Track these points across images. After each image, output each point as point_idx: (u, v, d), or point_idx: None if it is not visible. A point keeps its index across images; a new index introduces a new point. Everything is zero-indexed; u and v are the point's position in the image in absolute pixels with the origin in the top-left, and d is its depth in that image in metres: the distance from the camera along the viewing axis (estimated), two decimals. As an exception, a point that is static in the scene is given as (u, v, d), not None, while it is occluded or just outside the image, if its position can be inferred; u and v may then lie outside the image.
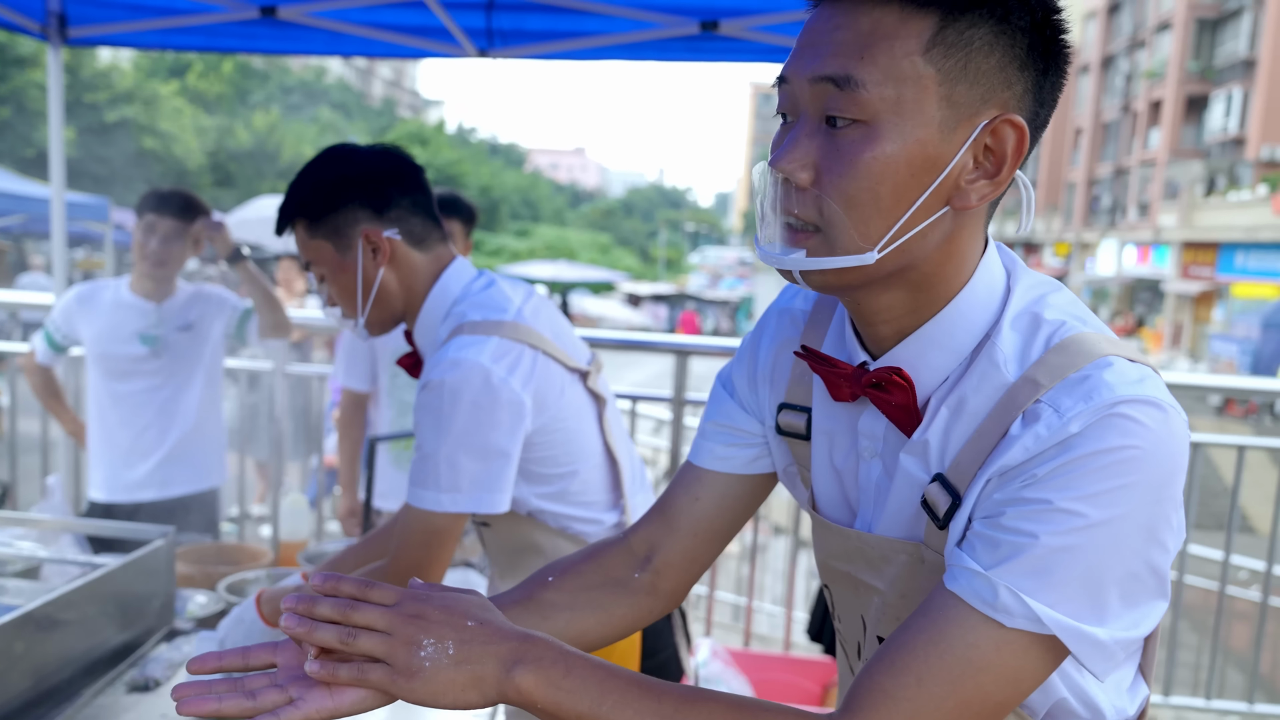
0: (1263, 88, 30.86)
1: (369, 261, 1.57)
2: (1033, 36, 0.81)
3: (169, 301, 2.89)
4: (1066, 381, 0.80)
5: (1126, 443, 0.76)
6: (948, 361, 0.87)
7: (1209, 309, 30.33)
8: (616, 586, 1.07)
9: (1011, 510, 0.79)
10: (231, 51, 3.58)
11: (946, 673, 0.78)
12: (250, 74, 34.11)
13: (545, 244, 43.06)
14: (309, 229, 1.58)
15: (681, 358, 3.46)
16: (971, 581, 0.79)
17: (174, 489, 2.90)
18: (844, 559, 0.98)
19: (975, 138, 0.80)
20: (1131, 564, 0.78)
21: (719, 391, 1.10)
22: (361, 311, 1.59)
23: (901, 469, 0.89)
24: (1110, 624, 0.78)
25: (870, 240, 0.81)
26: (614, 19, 3.00)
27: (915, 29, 0.78)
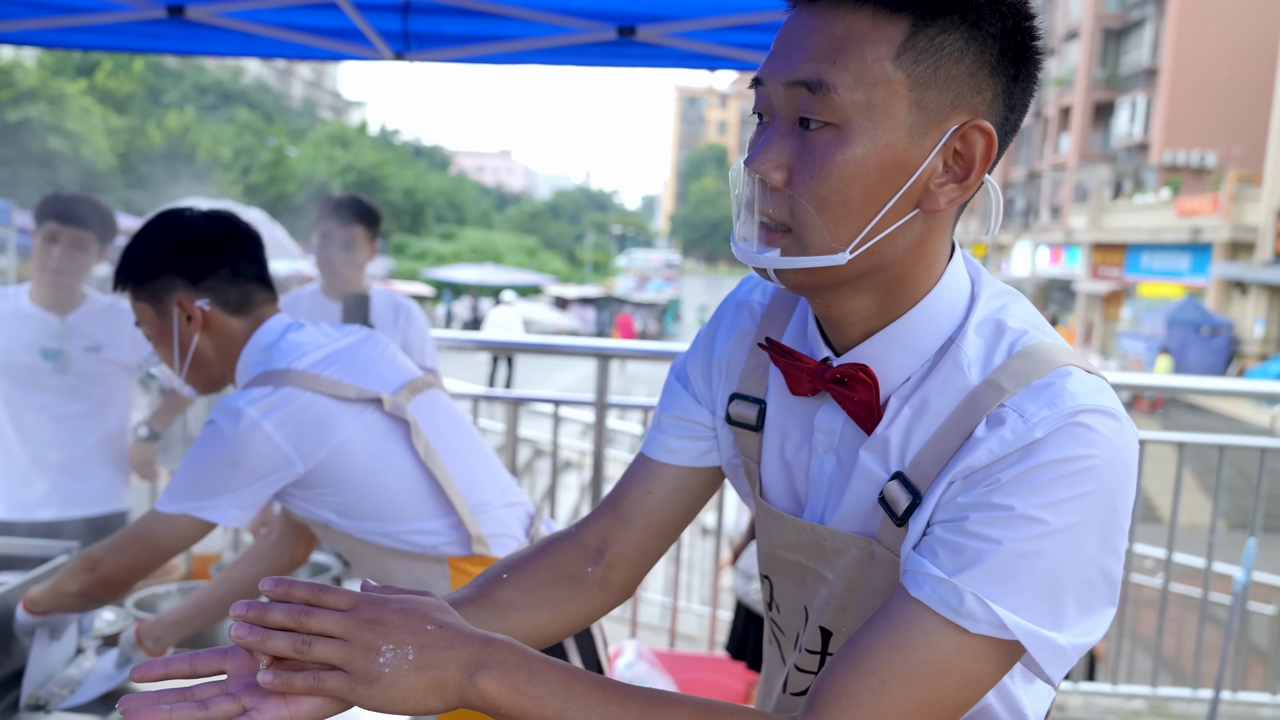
0: (1164, 95, 32.17)
1: (184, 327, 1.66)
2: (1004, 42, 0.82)
3: (75, 314, 2.73)
4: (1030, 388, 0.82)
5: (1086, 452, 0.79)
6: (911, 362, 0.88)
7: (1118, 308, 31.49)
8: (570, 582, 1.06)
9: (975, 516, 0.80)
10: (138, 51, 3.49)
11: (909, 676, 0.79)
12: (163, 73, 33.17)
13: (471, 247, 42.67)
14: (133, 292, 1.67)
15: (603, 361, 3.48)
16: (936, 588, 0.80)
17: (76, 509, 2.77)
18: (794, 549, 0.99)
19: (945, 143, 0.82)
20: (1087, 571, 0.80)
21: (673, 384, 1.10)
22: (179, 372, 1.68)
23: (860, 465, 0.90)
24: (1068, 630, 0.80)
25: (842, 241, 0.82)
26: (531, 24, 3.00)
27: (887, 34, 0.80)
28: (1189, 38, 31.23)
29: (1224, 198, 25.11)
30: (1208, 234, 25.61)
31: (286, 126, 38.55)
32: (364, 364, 1.69)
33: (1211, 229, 25.44)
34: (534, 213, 73.24)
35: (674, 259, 63.64)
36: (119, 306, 2.85)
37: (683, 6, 2.86)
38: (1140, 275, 29.78)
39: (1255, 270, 23.56)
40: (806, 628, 1.00)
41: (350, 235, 3.10)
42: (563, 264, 54.35)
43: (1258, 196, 24.21)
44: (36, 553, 1.90)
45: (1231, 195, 24.93)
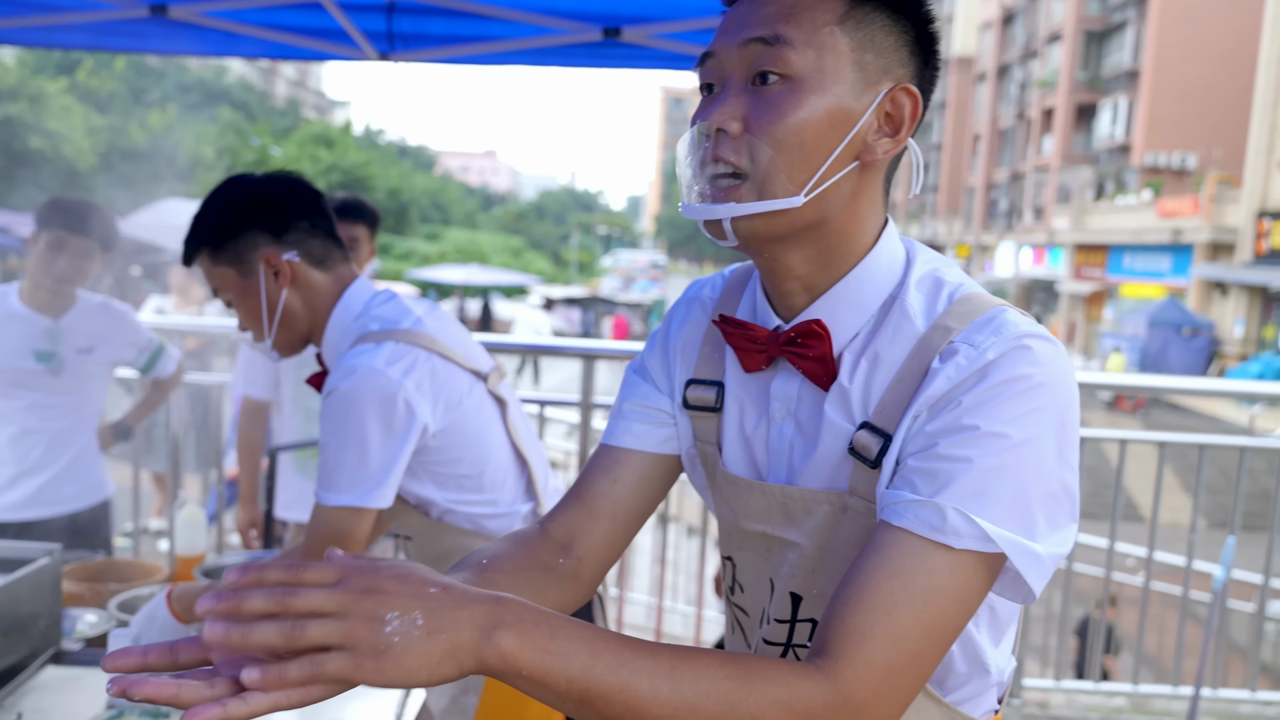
0: (1146, 97, 32.41)
1: (271, 285, 1.62)
2: (916, 31, 0.94)
3: (67, 316, 2.74)
4: (975, 323, 0.89)
5: (1034, 370, 0.85)
6: (858, 318, 0.95)
7: (1100, 308, 31.69)
8: (546, 570, 1.06)
9: (944, 440, 0.85)
10: (121, 51, 3.46)
11: (910, 602, 0.81)
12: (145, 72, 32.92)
13: (456, 247, 42.52)
14: (212, 257, 1.63)
15: (589, 362, 3.48)
16: (918, 511, 0.84)
17: (61, 507, 2.77)
18: (760, 517, 1.01)
19: (879, 101, 0.91)
20: (1050, 484, 0.85)
21: (631, 377, 1.13)
22: (268, 333, 1.64)
23: (826, 421, 0.95)
24: (1041, 541, 0.84)
25: (797, 184, 0.89)
26: (516, 24, 3.00)
27: (831, 5, 0.91)
28: (1170, 41, 31.47)
29: (1204, 199, 25.32)
30: (1188, 235, 25.81)
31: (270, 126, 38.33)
32: (461, 338, 1.71)
33: (1192, 230, 25.64)
34: (519, 213, 73.11)
35: (659, 259, 63.69)
36: (111, 306, 2.85)
37: (668, 7, 2.86)
38: (1122, 276, 29.99)
39: (1235, 271, 23.76)
40: (773, 599, 1.02)
41: (352, 235, 3.08)
42: (548, 264, 54.26)
43: (1237, 198, 24.42)
44: (17, 555, 1.89)
45: (1212, 197, 25.14)
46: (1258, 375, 20.00)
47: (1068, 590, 3.64)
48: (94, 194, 23.69)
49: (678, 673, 0.76)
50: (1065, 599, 3.65)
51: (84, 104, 26.46)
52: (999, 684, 1.03)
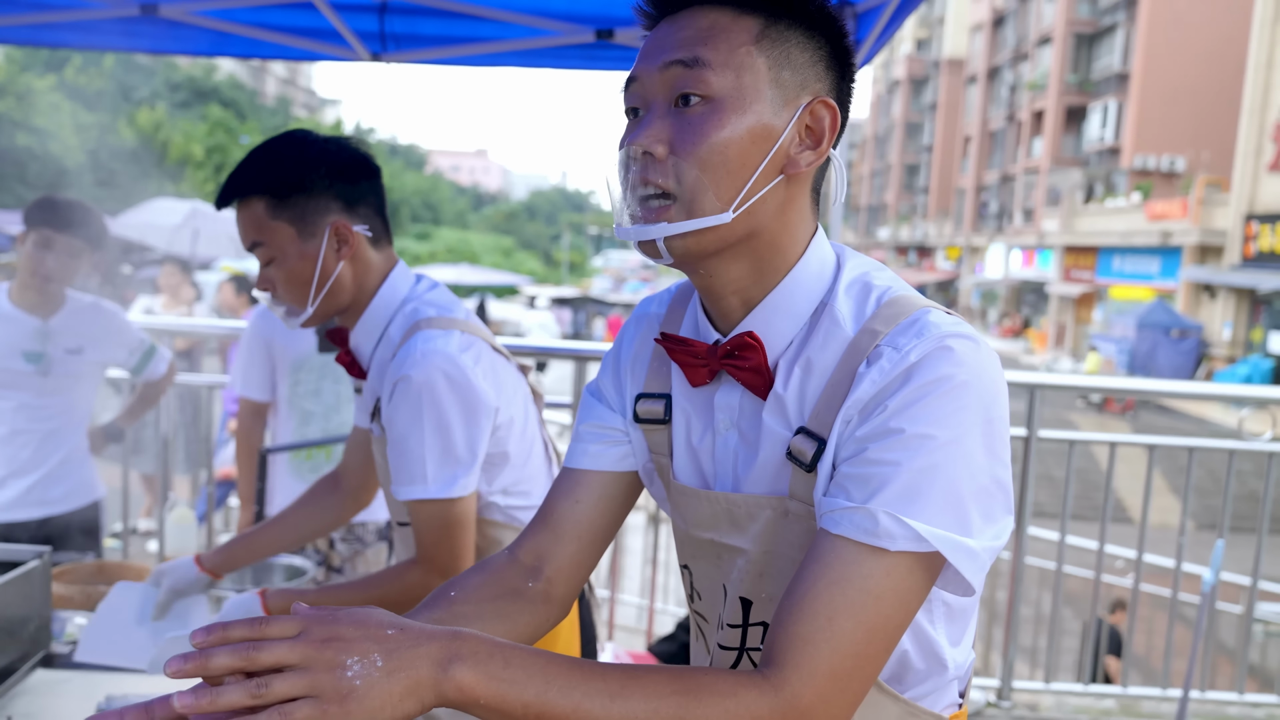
0: (1135, 100, 32.55)
1: (331, 254, 1.55)
2: (831, 45, 0.97)
3: (56, 316, 2.72)
4: (899, 326, 0.92)
5: (956, 370, 0.87)
6: (790, 326, 0.98)
7: (1089, 310, 31.82)
8: (515, 596, 1.08)
9: (873, 445, 0.88)
10: (111, 49, 3.45)
11: (850, 607, 0.84)
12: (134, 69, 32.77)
13: (447, 247, 42.45)
14: (272, 209, 1.52)
15: (580, 363, 3.48)
16: (851, 518, 0.86)
17: (51, 508, 2.76)
18: (708, 524, 1.04)
19: (799, 115, 0.94)
20: (980, 479, 0.87)
21: (588, 399, 1.17)
22: (312, 302, 1.56)
23: (765, 429, 0.98)
24: (976, 536, 0.87)
25: (725, 201, 0.92)
26: (509, 25, 3.00)
27: (746, 25, 0.93)
28: (1159, 44, 31.63)
29: (1193, 202, 25.45)
30: (1177, 238, 25.94)
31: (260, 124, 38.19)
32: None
33: (1181, 233, 25.77)
34: (510, 213, 73.03)
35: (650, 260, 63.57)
36: (101, 306, 2.84)
37: (661, 10, 2.86)
38: (1111, 278, 30.12)
39: (1223, 274, 23.89)
40: (726, 604, 1.05)
41: None
42: (539, 264, 54.24)
43: (1226, 201, 24.54)
44: (7, 557, 1.88)
45: (1200, 200, 25.26)
46: (1245, 378, 20.12)
47: (1057, 592, 3.65)
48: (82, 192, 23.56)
49: (627, 691, 0.79)
50: (1055, 601, 3.67)
51: (72, 101, 26.32)
52: (959, 678, 1.04)
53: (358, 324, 1.63)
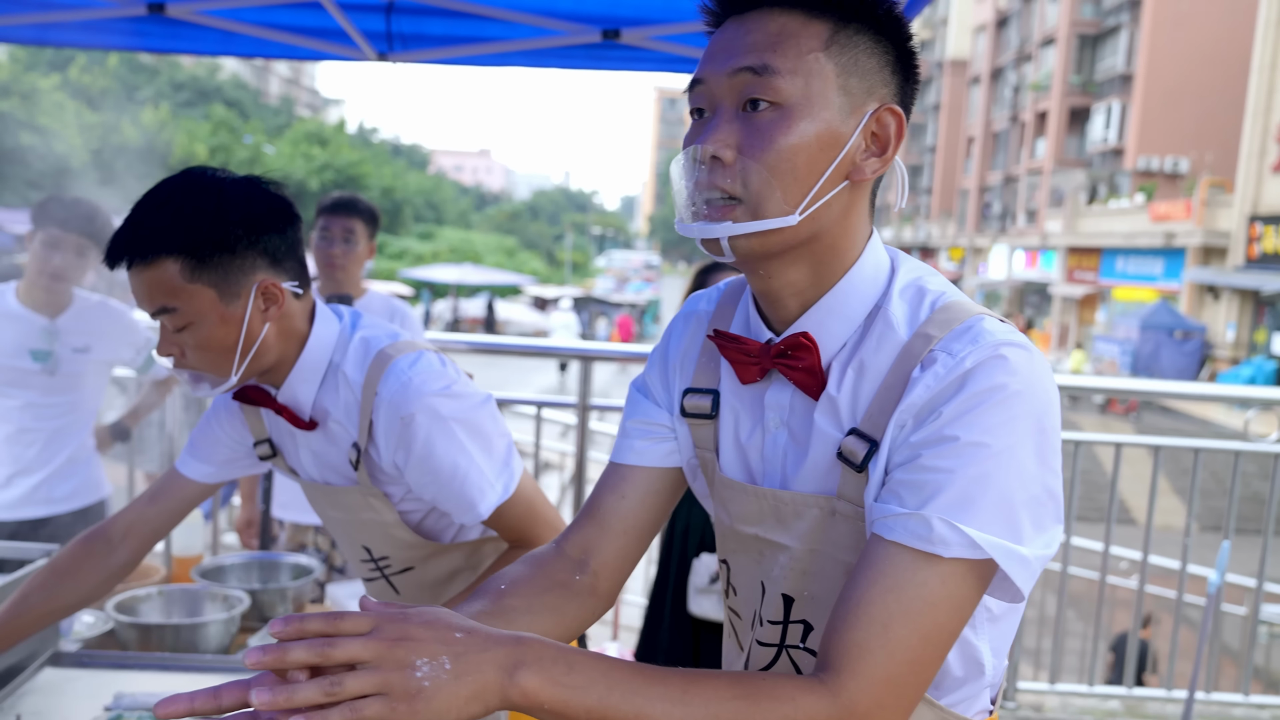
0: (1139, 101, 32.51)
1: (257, 314, 1.39)
2: (897, 50, 0.97)
3: (64, 315, 2.73)
4: (954, 331, 0.92)
5: (1010, 380, 0.88)
6: (844, 329, 0.98)
7: (1093, 311, 31.78)
8: (563, 590, 1.10)
9: (927, 452, 0.88)
10: (117, 49, 3.46)
11: (905, 614, 0.85)
12: (138, 69, 32.83)
13: (450, 247, 42.45)
14: (189, 270, 1.33)
15: (585, 363, 3.48)
16: (905, 524, 0.87)
17: (58, 507, 2.77)
18: (754, 520, 1.04)
19: (865, 122, 0.95)
20: (1032, 488, 0.88)
21: (634, 395, 1.17)
22: (237, 370, 1.40)
23: (816, 429, 0.98)
24: (1027, 544, 0.87)
25: (791, 204, 0.92)
26: (516, 25, 3.00)
27: (815, 31, 0.93)
28: (1163, 45, 31.58)
29: (1197, 203, 25.41)
30: (1181, 239, 25.90)
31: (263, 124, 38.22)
32: None
33: (1184, 234, 25.73)
34: (513, 213, 73.03)
35: (653, 260, 63.72)
36: (108, 305, 2.84)
37: (667, 10, 2.87)
38: (1115, 279, 30.08)
39: (1227, 275, 23.85)
40: (764, 601, 1.06)
41: (348, 228, 3.04)
42: (542, 264, 54.21)
43: (1229, 202, 24.51)
44: (14, 555, 1.88)
45: (1204, 201, 25.23)
46: (1249, 379, 20.09)
47: (1062, 593, 3.65)
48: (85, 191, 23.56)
49: (688, 696, 0.80)
50: (1060, 602, 3.66)
51: (76, 101, 26.38)
52: (992, 685, 1.05)
53: (290, 375, 1.49)
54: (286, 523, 3.05)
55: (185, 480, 1.64)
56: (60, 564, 1.56)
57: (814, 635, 1.02)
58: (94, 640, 1.87)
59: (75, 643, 1.84)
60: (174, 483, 1.64)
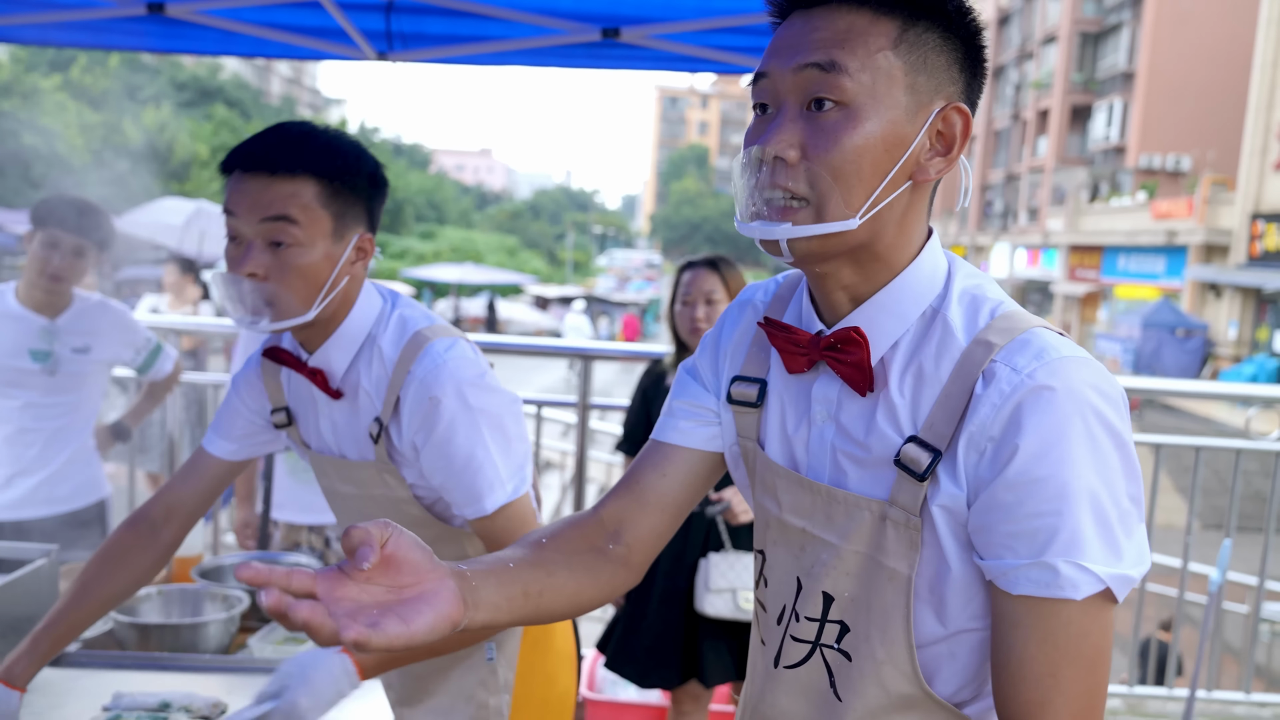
0: (1140, 99, 32.46)
1: (348, 264, 1.46)
2: (966, 46, 0.96)
3: (64, 316, 2.74)
4: (1015, 342, 0.91)
5: (1081, 402, 0.87)
6: (896, 326, 0.97)
7: (1094, 309, 31.75)
8: (598, 554, 1.12)
9: (1026, 499, 0.87)
10: (118, 49, 3.46)
11: (1066, 658, 0.87)
12: (139, 69, 32.82)
13: (451, 246, 42.43)
14: (322, 195, 1.40)
15: (586, 362, 3.48)
16: (1029, 575, 0.88)
17: (58, 507, 2.77)
18: (805, 513, 1.03)
19: (931, 122, 0.94)
20: (1122, 502, 0.88)
21: (683, 377, 1.19)
22: (319, 304, 1.43)
23: (876, 430, 0.97)
24: (1126, 559, 0.88)
25: (853, 207, 0.91)
26: (516, 24, 3.00)
27: (884, 29, 0.92)
28: (1165, 43, 31.53)
29: (1198, 201, 25.37)
30: (1183, 237, 25.87)
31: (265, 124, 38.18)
32: None
33: (1186, 232, 25.70)
34: (514, 212, 73.01)
35: (655, 259, 63.68)
36: (108, 305, 2.85)
37: (667, 8, 2.86)
38: (1117, 277, 30.04)
39: (1229, 273, 23.82)
40: (800, 596, 1.04)
41: None
42: (543, 264, 54.20)
43: (1231, 200, 24.47)
44: (15, 555, 1.88)
45: (1206, 199, 25.19)
46: (1251, 377, 20.04)
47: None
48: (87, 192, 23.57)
49: None
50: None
51: (77, 101, 26.40)
52: None
53: (329, 340, 1.51)
54: (281, 522, 3.05)
55: (210, 458, 1.66)
56: (110, 551, 1.60)
57: (849, 638, 1.00)
58: (93, 640, 1.87)
59: (74, 642, 1.84)
60: (201, 461, 1.67)
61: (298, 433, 1.64)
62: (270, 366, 1.63)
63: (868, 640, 0.98)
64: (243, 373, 1.67)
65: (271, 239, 1.39)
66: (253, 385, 1.65)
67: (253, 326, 1.42)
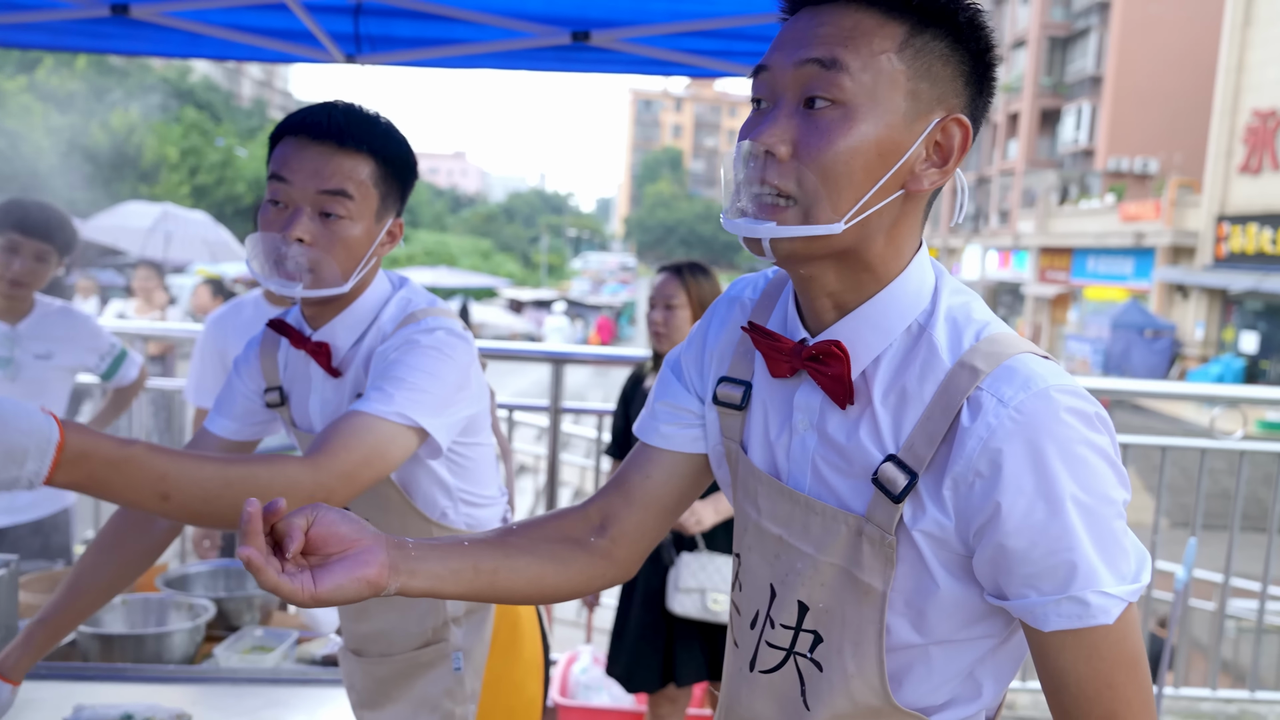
0: (1108, 103, 32.87)
1: (380, 245, 1.52)
2: (975, 60, 0.94)
3: (26, 321, 2.69)
4: (1001, 369, 0.89)
5: (1072, 432, 0.87)
6: (879, 340, 0.95)
7: (1065, 311, 32.08)
8: (574, 544, 1.13)
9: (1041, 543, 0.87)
10: (82, 51, 3.41)
11: (1114, 666, 0.89)
12: (107, 71, 32.43)
13: (425, 250, 42.26)
14: (377, 174, 1.47)
15: (557, 366, 3.47)
16: (1059, 609, 0.88)
17: (18, 516, 2.71)
18: (783, 520, 1.02)
19: (930, 131, 0.92)
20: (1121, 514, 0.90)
21: (666, 374, 1.17)
22: (355, 275, 1.48)
23: (857, 445, 0.96)
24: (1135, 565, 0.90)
25: (839, 212, 0.90)
26: (485, 27, 2.98)
27: (891, 31, 0.90)
28: (1132, 48, 31.95)
29: (1166, 204, 25.71)
30: (1150, 239, 26.20)
31: (235, 127, 37.90)
32: None
33: (1154, 234, 26.02)
34: (488, 215, 72.80)
35: (629, 262, 63.69)
36: (71, 311, 2.80)
37: (637, 12, 2.86)
38: (1086, 279, 30.38)
39: (1196, 274, 24.15)
40: (774, 603, 1.04)
41: None
42: (518, 267, 54.09)
43: (1198, 203, 24.82)
44: (-27, 566, 1.85)
45: (1173, 201, 25.53)
46: (1218, 377, 20.33)
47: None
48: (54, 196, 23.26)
49: None
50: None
51: (44, 104, 26.04)
52: (987, 709, 1.03)
53: (336, 318, 1.53)
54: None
55: (213, 437, 1.65)
56: (104, 539, 1.58)
57: (822, 648, 0.99)
58: (55, 651, 1.84)
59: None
60: (203, 441, 1.65)
61: (289, 413, 1.64)
62: (269, 347, 1.64)
63: (840, 653, 0.98)
64: (243, 354, 1.68)
65: (323, 209, 1.43)
66: (250, 365, 1.66)
67: (285, 290, 1.43)
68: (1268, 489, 3.63)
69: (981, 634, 0.96)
